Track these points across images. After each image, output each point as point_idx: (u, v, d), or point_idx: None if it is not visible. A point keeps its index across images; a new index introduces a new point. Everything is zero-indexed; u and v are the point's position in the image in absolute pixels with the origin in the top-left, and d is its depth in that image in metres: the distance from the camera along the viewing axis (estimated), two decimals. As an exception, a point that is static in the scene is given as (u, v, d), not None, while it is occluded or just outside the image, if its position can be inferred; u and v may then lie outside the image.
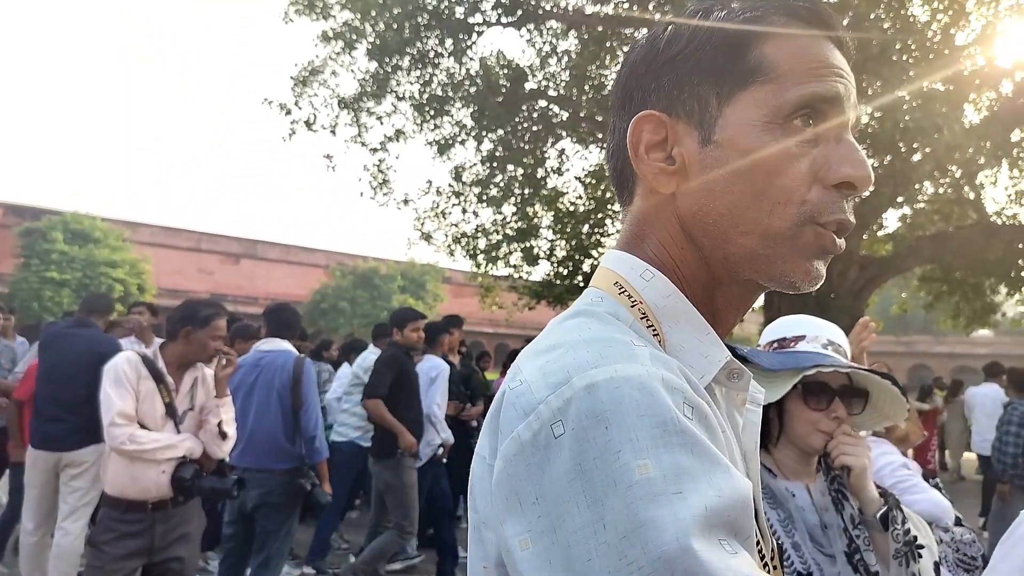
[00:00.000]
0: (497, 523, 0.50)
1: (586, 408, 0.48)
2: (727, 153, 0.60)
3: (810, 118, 0.60)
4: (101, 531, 2.83)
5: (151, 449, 2.79)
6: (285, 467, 3.69)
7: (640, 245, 0.65)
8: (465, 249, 11.47)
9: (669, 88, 0.63)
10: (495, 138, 10.72)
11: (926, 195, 9.96)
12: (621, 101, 0.67)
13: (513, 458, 0.50)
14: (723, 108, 0.61)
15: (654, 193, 0.64)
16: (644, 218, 0.66)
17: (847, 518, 1.31)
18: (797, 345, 1.45)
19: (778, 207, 0.59)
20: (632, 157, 0.64)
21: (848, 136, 0.61)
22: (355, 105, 10.62)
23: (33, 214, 26.19)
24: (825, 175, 0.59)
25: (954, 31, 7.99)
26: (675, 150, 0.62)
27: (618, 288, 0.63)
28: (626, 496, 0.44)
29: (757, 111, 0.60)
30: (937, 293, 11.23)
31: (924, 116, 6.59)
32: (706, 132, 0.61)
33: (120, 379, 2.80)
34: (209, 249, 30.99)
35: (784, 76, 0.60)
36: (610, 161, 0.70)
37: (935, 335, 31.71)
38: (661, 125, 0.63)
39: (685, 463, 0.46)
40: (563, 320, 0.62)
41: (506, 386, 0.55)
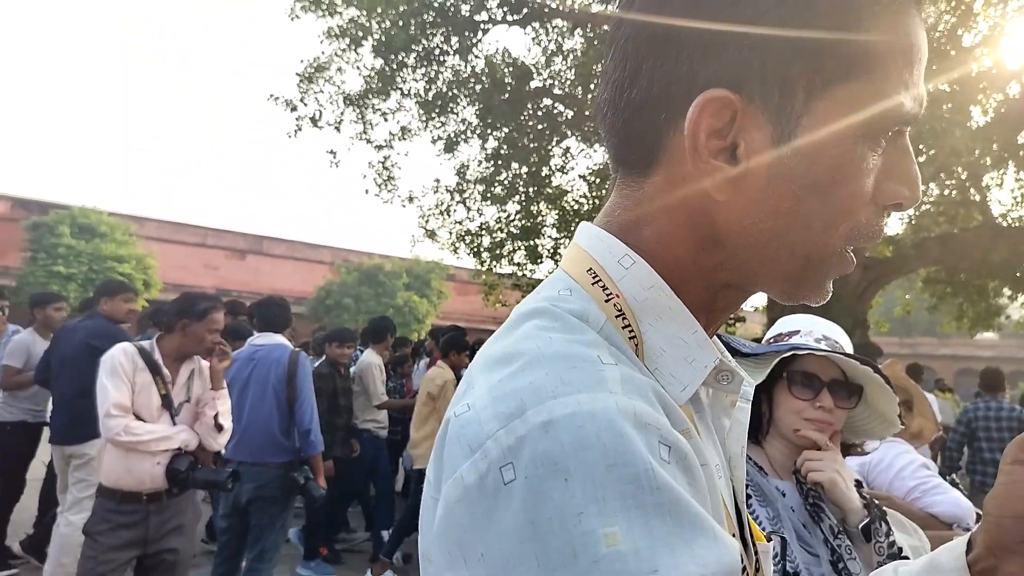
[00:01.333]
0: (439, 573, 0.44)
1: (542, 452, 0.40)
2: (807, 164, 0.48)
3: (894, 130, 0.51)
4: (96, 521, 2.85)
5: (146, 440, 2.80)
6: (280, 461, 3.71)
7: (635, 230, 0.54)
8: (469, 247, 11.49)
9: (748, 55, 0.48)
10: (500, 136, 10.72)
11: (931, 197, 9.92)
12: (664, 41, 0.50)
13: (456, 504, 0.42)
14: (811, 102, 0.48)
15: (688, 186, 0.51)
16: (658, 204, 0.53)
17: (826, 529, 1.30)
18: (791, 339, 1.45)
19: (831, 230, 0.50)
20: (689, 149, 0.49)
21: (908, 144, 0.53)
22: (360, 102, 10.64)
23: (40, 208, 26.33)
24: (881, 195, 0.51)
25: (961, 32, 7.95)
26: (741, 147, 0.49)
27: (592, 276, 0.53)
28: (589, 573, 0.37)
29: (851, 119, 0.48)
30: (941, 295, 11.18)
31: (929, 119, 6.56)
32: (784, 130, 0.48)
33: (116, 370, 2.81)
34: (215, 244, 31.08)
35: (888, 74, 0.48)
36: (616, 111, 0.54)
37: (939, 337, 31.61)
38: (727, 108, 0.48)
39: (662, 531, 0.38)
40: (524, 318, 0.52)
41: (452, 410, 0.47)
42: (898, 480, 2.17)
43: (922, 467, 2.20)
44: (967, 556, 0.59)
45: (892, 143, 0.51)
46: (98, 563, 2.78)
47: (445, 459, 0.45)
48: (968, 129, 7.23)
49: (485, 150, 10.90)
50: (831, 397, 1.35)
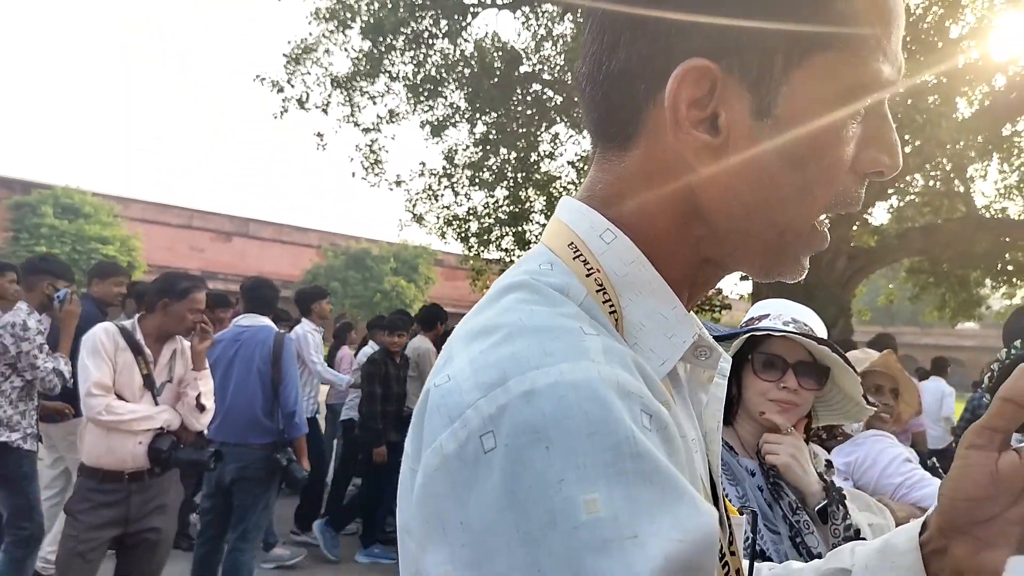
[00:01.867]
0: (418, 544, 0.43)
1: (523, 421, 0.40)
2: (787, 135, 0.48)
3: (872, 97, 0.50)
4: (77, 500, 2.85)
5: (128, 420, 2.80)
6: (263, 442, 3.71)
7: (617, 203, 0.54)
8: (457, 232, 11.47)
9: (724, 26, 0.47)
10: (488, 121, 10.68)
11: (916, 187, 10.00)
12: (641, 13, 0.50)
13: (435, 473, 0.42)
14: (790, 72, 0.48)
15: (669, 157, 0.51)
16: (638, 177, 0.53)
17: (785, 506, 1.34)
18: (760, 323, 1.47)
19: (811, 200, 0.51)
20: (670, 121, 0.49)
21: (887, 112, 0.52)
22: (348, 84, 10.56)
23: (23, 187, 25.99)
24: (861, 162, 0.51)
25: (949, 23, 7.99)
26: (722, 117, 0.49)
27: (573, 251, 0.53)
28: (569, 540, 0.37)
29: (830, 87, 0.48)
30: (924, 285, 11.30)
31: (915, 110, 6.60)
32: (763, 100, 0.48)
33: (97, 349, 2.81)
34: (201, 227, 30.85)
35: (867, 42, 0.49)
36: (595, 84, 0.53)
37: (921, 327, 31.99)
38: (707, 78, 0.48)
39: (642, 497, 0.38)
40: (505, 291, 0.51)
41: (431, 381, 0.47)
42: (884, 479, 2.20)
43: (905, 461, 2.23)
44: (920, 537, 0.61)
45: (871, 110, 0.51)
46: (79, 542, 2.77)
47: (425, 429, 0.44)
48: (954, 120, 7.28)
49: (473, 135, 10.87)
50: (795, 378, 1.38)
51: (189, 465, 2.95)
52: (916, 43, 7.71)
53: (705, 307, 11.34)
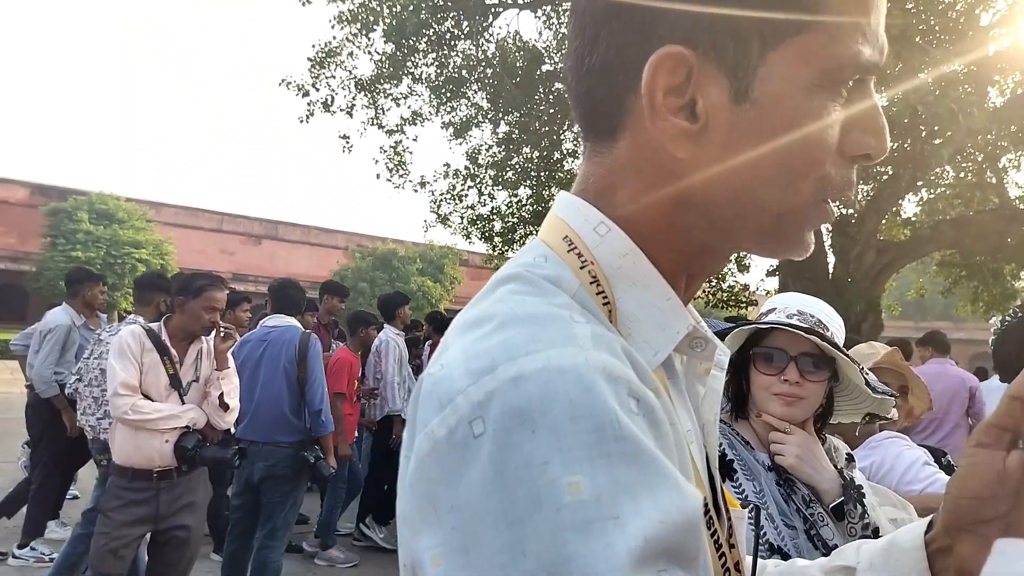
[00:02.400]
0: (412, 529, 0.44)
1: (511, 405, 0.40)
2: (766, 118, 0.49)
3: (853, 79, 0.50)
4: (109, 498, 2.93)
5: (153, 419, 2.86)
6: (290, 440, 3.77)
7: (606, 197, 0.54)
8: (481, 231, 11.52)
9: (698, 12, 0.48)
10: (511, 120, 10.71)
11: (947, 179, 9.81)
12: (617, 3, 0.50)
13: (426, 457, 0.43)
14: (766, 55, 0.48)
15: (652, 146, 0.52)
16: (626, 169, 0.53)
17: (799, 500, 1.33)
18: (767, 317, 1.47)
19: (800, 181, 0.50)
20: (647, 107, 0.50)
21: (873, 94, 0.52)
22: (372, 87, 10.66)
23: (60, 194, 26.61)
24: (847, 145, 0.51)
25: (979, 11, 7.82)
26: (700, 104, 0.49)
27: (567, 244, 0.53)
28: (553, 521, 0.37)
29: (807, 69, 0.48)
30: (956, 278, 11.07)
31: (941, 101, 6.47)
32: (741, 85, 0.49)
33: (123, 351, 2.88)
34: (231, 230, 31.32)
35: (842, 25, 0.49)
36: (579, 78, 0.54)
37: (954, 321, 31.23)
38: (682, 65, 0.48)
39: (625, 478, 0.39)
40: (499, 284, 0.52)
41: (426, 372, 0.48)
42: (904, 484, 2.11)
43: (925, 464, 2.15)
44: (925, 535, 0.60)
45: (856, 93, 0.51)
46: (111, 539, 2.85)
47: (418, 417, 0.45)
48: (985, 110, 7.13)
49: (496, 135, 10.91)
50: (797, 370, 1.36)
51: (214, 463, 2.99)
52: (945, 32, 7.56)
53: (731, 303, 11.25)
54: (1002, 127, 7.37)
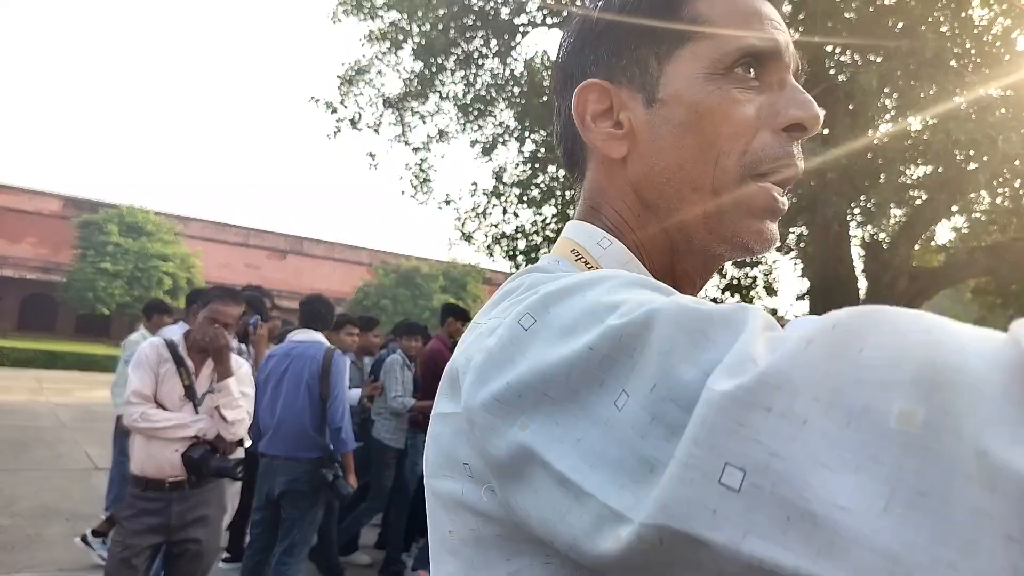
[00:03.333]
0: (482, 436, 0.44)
1: (558, 289, 0.46)
2: (673, 109, 0.59)
3: (751, 67, 0.59)
4: (125, 507, 2.95)
5: (163, 427, 2.88)
6: (311, 456, 3.73)
7: (597, 215, 0.64)
8: (504, 250, 11.48)
9: (608, 57, 0.62)
10: (538, 139, 10.70)
11: (983, 205, 9.60)
12: (562, 82, 0.66)
13: (482, 365, 0.45)
14: (664, 67, 0.60)
15: (605, 162, 0.63)
16: (598, 189, 0.65)
17: None
18: None
19: (723, 157, 0.58)
20: (580, 128, 0.63)
21: (791, 80, 0.60)
22: (399, 104, 10.74)
23: (91, 207, 27.16)
24: (772, 120, 0.58)
25: (1016, 35, 7.69)
26: (622, 115, 0.61)
27: (575, 255, 0.62)
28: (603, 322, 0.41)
29: (698, 64, 0.59)
30: (990, 307, 10.81)
31: (978, 127, 6.35)
32: (650, 92, 0.60)
33: (140, 362, 2.95)
34: (257, 244, 31.72)
35: (721, 30, 0.60)
36: (560, 144, 0.69)
37: (989, 351, 30.62)
38: (605, 93, 0.62)
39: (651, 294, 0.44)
40: (518, 275, 0.58)
41: (459, 347, 0.52)
42: None
43: None
44: None
45: (775, 81, 0.59)
46: (124, 547, 2.85)
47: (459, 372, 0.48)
48: (1022, 135, 6.98)
49: (522, 153, 10.90)
50: None
51: (218, 473, 2.98)
52: (981, 55, 7.44)
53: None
54: (1040, 152, 7.20)
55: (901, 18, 7.30)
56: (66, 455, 8.04)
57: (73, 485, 6.67)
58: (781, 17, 0.62)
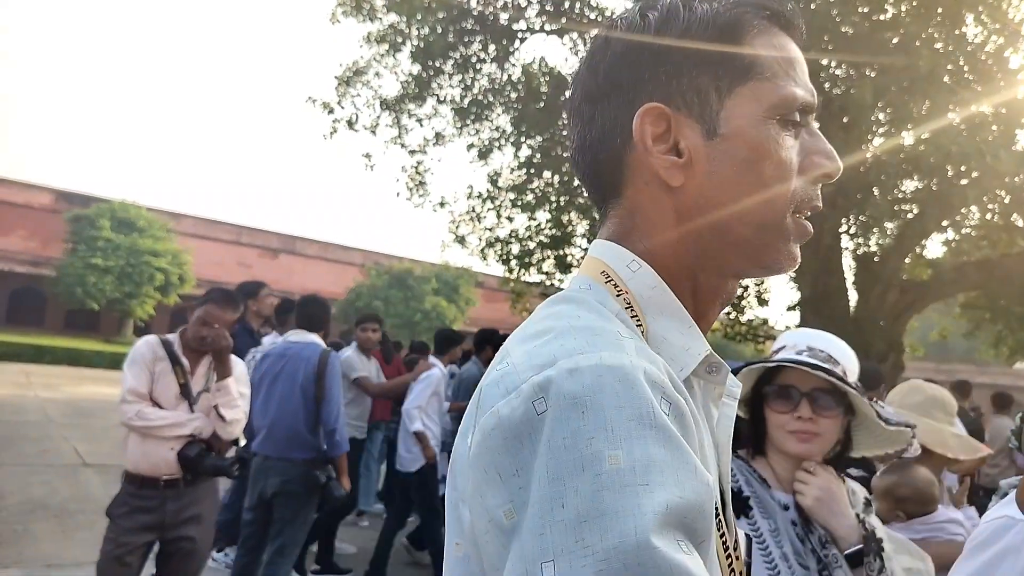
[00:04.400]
0: (476, 492, 0.51)
1: (567, 390, 0.48)
2: (735, 146, 0.61)
3: (795, 116, 0.64)
4: (117, 504, 2.93)
5: (158, 426, 2.88)
6: (304, 457, 3.72)
7: (629, 237, 0.66)
8: (498, 254, 11.49)
9: (666, 79, 0.63)
10: (533, 144, 10.73)
11: (973, 220, 9.70)
12: (604, 90, 0.66)
13: (492, 431, 0.50)
14: (724, 101, 0.62)
15: (654, 185, 0.64)
16: (637, 211, 0.66)
17: (815, 540, 1.31)
18: (777, 355, 1.45)
19: (774, 197, 0.62)
20: (640, 150, 0.63)
21: (816, 129, 0.67)
22: (396, 107, 10.74)
23: (82, 201, 26.98)
24: (807, 168, 0.64)
25: (1008, 53, 7.78)
26: (682, 143, 0.62)
27: (605, 277, 0.64)
28: (593, 482, 0.45)
29: (758, 106, 0.62)
30: (979, 321, 10.91)
31: (970, 143, 6.42)
32: (710, 125, 0.62)
33: (135, 360, 2.94)
34: (249, 243, 31.58)
35: (777, 74, 0.63)
36: (584, 153, 0.68)
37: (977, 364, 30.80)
38: (662, 117, 0.62)
39: (656, 456, 0.46)
40: (552, 305, 0.62)
41: (486, 378, 0.56)
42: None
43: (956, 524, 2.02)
44: None
45: (805, 128, 0.65)
46: (116, 545, 2.84)
47: (482, 403, 0.54)
48: (1013, 153, 7.06)
49: (518, 158, 10.92)
50: (810, 407, 1.35)
51: (214, 471, 2.98)
52: (974, 73, 7.52)
53: (749, 337, 11.14)
54: (1030, 170, 7.28)
55: (896, 34, 7.38)
56: (53, 450, 7.99)
57: (61, 481, 6.62)
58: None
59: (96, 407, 7.08)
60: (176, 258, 26.72)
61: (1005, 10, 7.33)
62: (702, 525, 0.47)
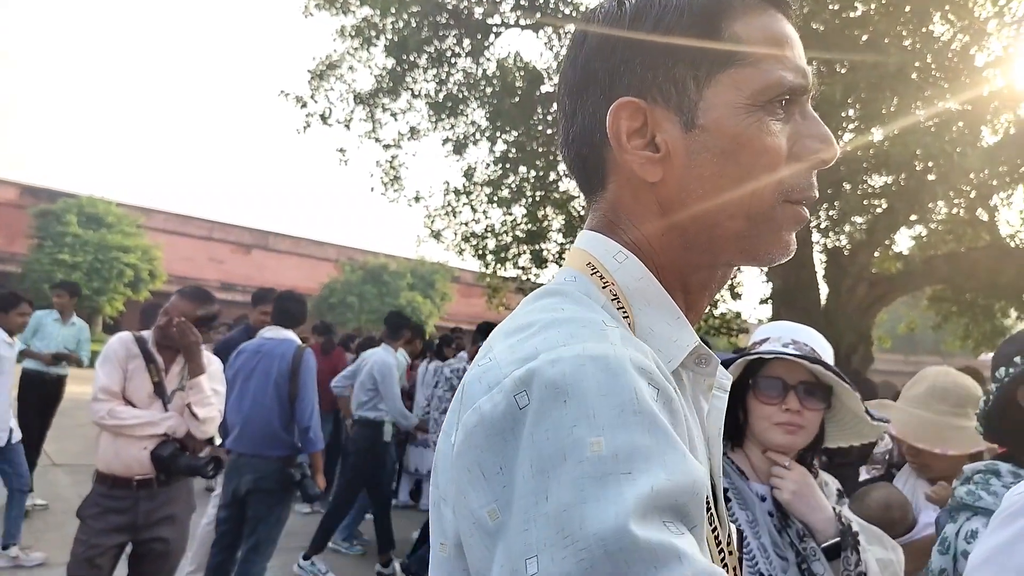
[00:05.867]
0: (459, 493, 0.49)
1: (548, 381, 0.47)
2: (714, 137, 0.59)
3: (783, 99, 0.61)
4: (88, 505, 2.87)
5: (131, 424, 2.83)
6: (278, 454, 3.71)
7: (615, 229, 0.64)
8: (474, 249, 11.48)
9: (642, 71, 0.60)
10: (509, 139, 10.73)
11: (940, 215, 9.90)
12: (582, 84, 0.63)
13: (474, 428, 0.49)
14: (703, 91, 0.60)
15: (634, 181, 0.62)
16: (620, 205, 0.64)
17: (793, 533, 1.33)
18: (760, 347, 1.46)
19: (761, 187, 0.60)
20: (615, 147, 0.61)
21: (811, 111, 0.63)
22: (371, 101, 10.67)
23: (49, 196, 26.42)
24: (799, 153, 0.61)
25: (974, 51, 7.94)
26: (658, 137, 0.60)
27: (590, 269, 0.62)
28: (574, 470, 0.43)
29: (739, 94, 0.59)
30: (947, 314, 11.14)
31: (936, 140, 6.54)
32: (688, 116, 0.60)
33: (108, 357, 2.88)
34: (221, 238, 31.16)
35: (761, 59, 0.60)
36: (569, 147, 0.67)
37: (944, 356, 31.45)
38: (639, 111, 0.60)
39: (640, 443, 0.45)
40: (537, 299, 0.61)
41: (475, 363, 0.55)
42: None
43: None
44: None
45: (797, 111, 0.62)
46: (88, 546, 2.79)
47: (464, 399, 0.52)
48: (979, 149, 7.21)
49: (493, 153, 10.91)
50: (797, 399, 1.37)
51: (188, 471, 2.94)
52: (941, 70, 7.66)
53: (723, 330, 11.26)
54: (995, 166, 7.45)
55: (866, 31, 7.49)
56: (21, 451, 7.81)
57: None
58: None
59: (65, 405, 6.93)
60: (146, 254, 26.28)
61: (971, 8, 7.47)
62: (695, 508, 0.45)
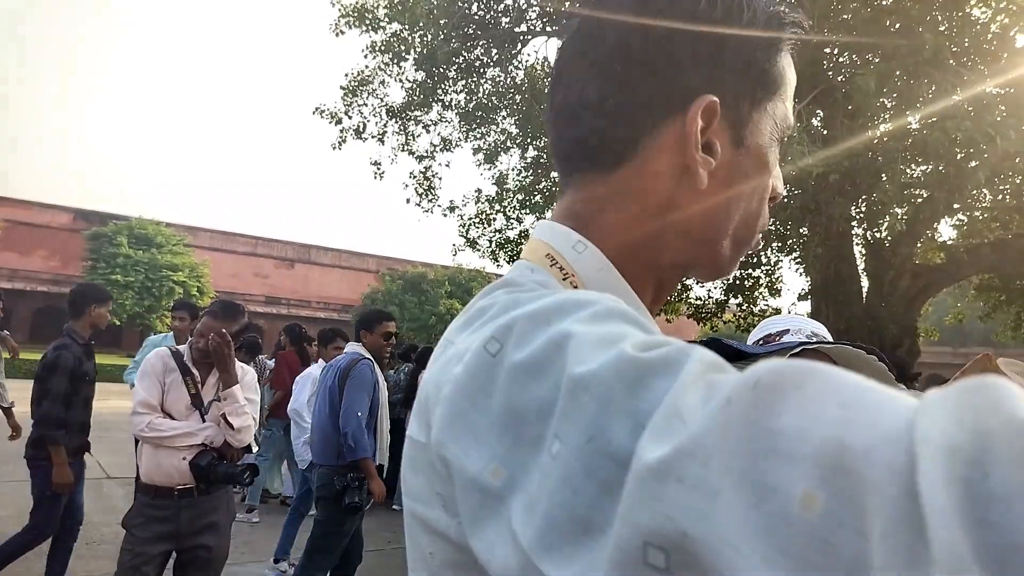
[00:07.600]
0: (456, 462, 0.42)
1: (526, 315, 0.43)
2: (753, 162, 0.59)
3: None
4: (133, 515, 2.98)
5: (170, 436, 2.94)
6: (332, 463, 3.84)
7: (592, 220, 0.59)
8: (508, 255, 11.56)
9: (720, 72, 0.57)
10: (539, 145, 10.79)
11: (984, 202, 9.62)
12: (654, 56, 0.56)
13: (452, 395, 0.43)
14: (752, 113, 0.58)
15: (666, 175, 0.57)
16: (624, 194, 0.58)
17: None
18: (782, 339, 1.47)
19: (757, 215, 0.61)
20: (685, 141, 0.55)
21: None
22: (403, 114, 10.85)
23: (100, 219, 27.38)
24: (771, 191, 0.63)
25: (1015, 32, 7.72)
26: (716, 146, 0.57)
27: (550, 260, 0.58)
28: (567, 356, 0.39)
29: (772, 125, 0.60)
30: (995, 303, 10.79)
31: (976, 125, 6.37)
32: (737, 134, 0.58)
33: (147, 372, 3.01)
34: (265, 253, 31.86)
35: (788, 96, 0.61)
36: (597, 116, 0.58)
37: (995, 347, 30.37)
38: (714, 113, 0.56)
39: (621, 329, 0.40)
40: (489, 292, 0.54)
41: (432, 361, 0.52)
42: None
43: None
44: None
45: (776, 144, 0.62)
46: (133, 555, 2.90)
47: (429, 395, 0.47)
48: (1022, 132, 7.00)
49: (525, 159, 10.99)
50: None
51: (226, 479, 3.03)
52: (979, 54, 7.47)
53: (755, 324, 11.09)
54: (1040, 149, 7.22)
55: (899, 18, 7.34)
56: (81, 466, 8.12)
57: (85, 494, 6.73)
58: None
59: (118, 421, 7.20)
60: (194, 271, 27.05)
61: (1010, -11, 7.27)
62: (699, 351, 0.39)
